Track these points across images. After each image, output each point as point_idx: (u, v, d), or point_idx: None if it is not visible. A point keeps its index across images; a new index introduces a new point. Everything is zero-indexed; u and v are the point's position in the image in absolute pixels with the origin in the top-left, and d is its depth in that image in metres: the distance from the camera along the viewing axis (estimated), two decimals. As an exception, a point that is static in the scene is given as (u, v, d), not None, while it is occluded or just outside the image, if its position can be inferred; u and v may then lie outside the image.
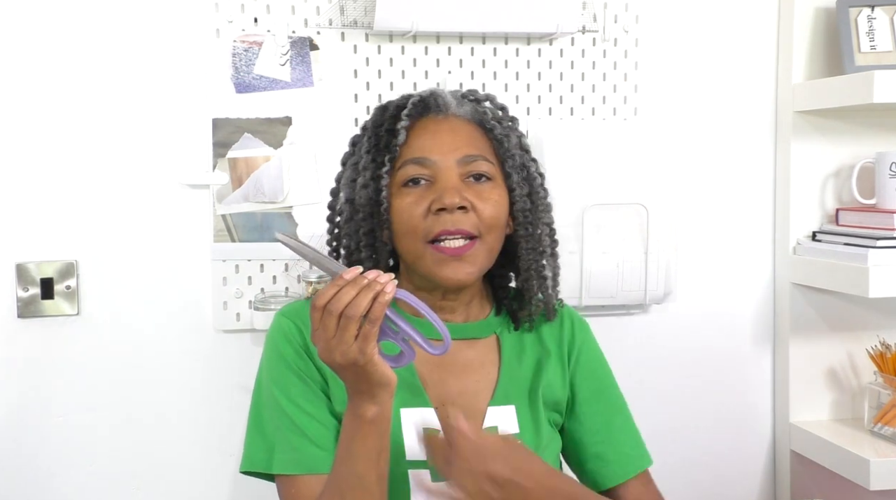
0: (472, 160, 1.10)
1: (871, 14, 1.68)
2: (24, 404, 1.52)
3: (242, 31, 1.55)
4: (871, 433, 1.71)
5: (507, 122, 1.17)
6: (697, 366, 1.80)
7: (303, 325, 1.14)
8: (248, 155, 1.56)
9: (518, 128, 1.20)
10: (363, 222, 1.13)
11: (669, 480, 1.25)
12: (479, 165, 1.11)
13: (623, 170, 1.67)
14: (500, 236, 1.14)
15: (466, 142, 1.12)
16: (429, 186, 1.10)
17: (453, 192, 1.08)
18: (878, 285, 1.55)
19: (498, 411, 1.15)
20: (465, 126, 1.14)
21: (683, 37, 1.74)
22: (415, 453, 1.09)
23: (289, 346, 1.13)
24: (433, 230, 1.08)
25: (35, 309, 1.52)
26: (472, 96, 1.18)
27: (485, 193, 1.11)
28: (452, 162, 1.10)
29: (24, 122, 1.49)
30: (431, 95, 1.14)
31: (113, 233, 1.54)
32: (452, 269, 1.09)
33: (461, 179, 1.10)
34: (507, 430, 1.14)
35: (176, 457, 1.58)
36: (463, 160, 1.10)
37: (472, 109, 1.16)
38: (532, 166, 1.17)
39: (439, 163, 1.10)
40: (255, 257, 1.58)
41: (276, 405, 1.11)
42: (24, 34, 1.48)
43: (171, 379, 1.58)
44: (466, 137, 1.12)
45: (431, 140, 1.11)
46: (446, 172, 1.09)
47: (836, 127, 1.75)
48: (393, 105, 1.15)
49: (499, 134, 1.14)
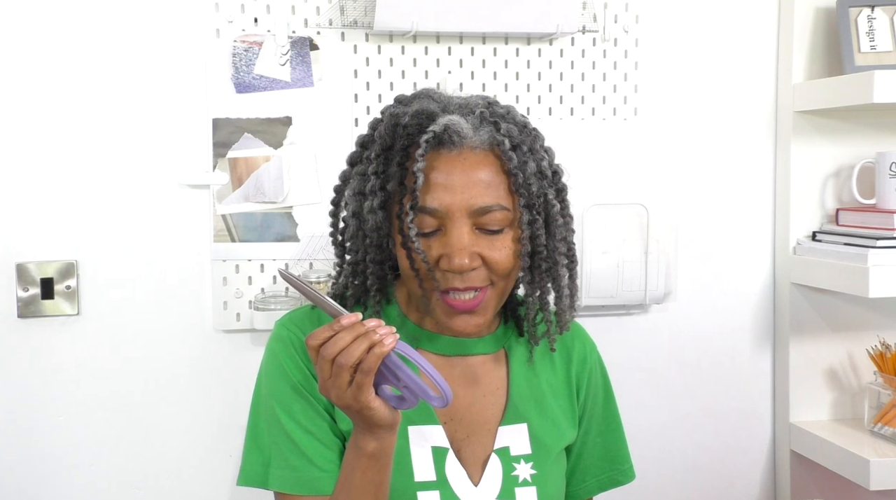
0: (487, 212, 1.02)
1: (871, 14, 1.68)
2: (24, 405, 1.52)
3: (242, 31, 1.55)
4: (871, 433, 1.71)
5: (527, 145, 1.06)
6: (697, 366, 1.80)
7: (305, 332, 1.10)
8: (248, 155, 1.56)
9: (538, 145, 1.09)
10: (370, 248, 1.08)
11: (669, 480, 1.26)
12: (493, 217, 1.03)
13: (623, 170, 1.68)
14: (514, 277, 1.09)
15: (481, 189, 1.02)
16: (440, 235, 1.03)
17: (462, 253, 1.01)
18: (878, 285, 1.55)
19: (509, 430, 1.12)
20: (480, 164, 1.03)
21: (683, 37, 1.74)
22: (424, 473, 1.07)
23: (290, 360, 1.10)
24: (442, 285, 1.04)
25: (35, 309, 1.52)
26: (492, 116, 1.05)
27: (497, 243, 1.04)
28: (465, 215, 1.02)
29: (24, 122, 1.49)
30: (446, 130, 1.02)
31: (113, 233, 1.54)
32: (463, 322, 1.05)
33: (473, 229, 1.03)
34: (519, 451, 1.12)
35: (176, 457, 1.58)
36: (477, 212, 1.02)
37: (489, 136, 1.04)
38: (551, 193, 1.08)
39: (451, 214, 1.02)
40: (255, 257, 1.58)
41: (275, 421, 1.08)
42: (24, 34, 1.48)
43: (171, 379, 1.58)
44: (481, 182, 1.03)
45: (444, 186, 1.02)
46: (457, 224, 1.02)
47: (836, 127, 1.75)
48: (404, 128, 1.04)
49: (514, 168, 1.03)
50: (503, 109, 1.08)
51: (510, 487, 1.09)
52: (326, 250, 1.59)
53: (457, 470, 1.08)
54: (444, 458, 1.08)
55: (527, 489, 1.10)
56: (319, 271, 1.56)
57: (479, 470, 1.10)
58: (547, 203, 1.07)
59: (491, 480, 1.09)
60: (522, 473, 1.11)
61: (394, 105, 1.09)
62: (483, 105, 1.07)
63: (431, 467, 1.07)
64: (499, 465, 1.10)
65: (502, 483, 1.09)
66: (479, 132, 1.05)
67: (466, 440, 1.11)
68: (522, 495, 1.09)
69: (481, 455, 1.11)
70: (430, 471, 1.07)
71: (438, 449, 1.08)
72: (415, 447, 1.08)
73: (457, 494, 1.07)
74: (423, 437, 1.09)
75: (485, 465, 1.10)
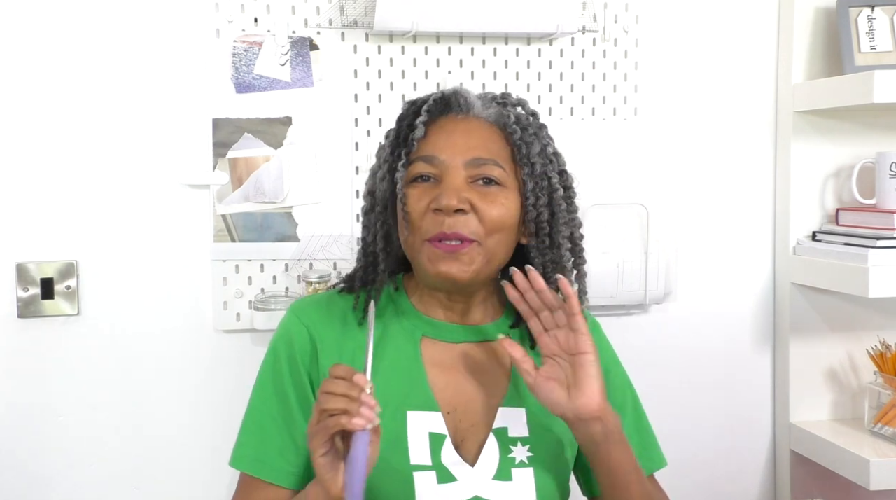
0: (482, 164, 1.08)
1: (871, 14, 1.68)
2: (24, 404, 1.52)
3: (242, 31, 1.55)
4: (871, 433, 1.71)
5: (534, 129, 1.12)
6: (697, 366, 1.80)
7: (312, 324, 1.13)
8: (248, 155, 1.56)
9: (546, 137, 1.15)
10: (380, 215, 1.13)
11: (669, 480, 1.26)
12: (489, 170, 1.08)
13: (623, 170, 1.68)
14: (506, 242, 1.11)
15: (480, 144, 1.09)
16: (434, 185, 1.08)
17: (452, 194, 1.05)
18: (878, 285, 1.55)
19: (508, 412, 1.13)
20: (483, 128, 1.11)
21: (683, 37, 1.74)
22: (420, 457, 1.08)
23: (286, 350, 1.13)
24: (430, 231, 1.07)
25: (35, 309, 1.52)
26: (502, 100, 1.15)
27: (490, 196, 1.08)
28: (460, 163, 1.08)
29: (24, 122, 1.49)
30: (454, 93, 1.12)
31: (113, 233, 1.54)
32: (446, 264, 1.07)
33: (467, 182, 1.08)
34: (517, 434, 1.12)
35: (176, 457, 1.58)
36: (472, 163, 1.08)
37: (496, 112, 1.12)
38: (555, 177, 1.12)
39: (447, 162, 1.08)
40: (255, 257, 1.58)
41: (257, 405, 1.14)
42: (24, 34, 1.48)
43: (171, 379, 1.58)
44: (482, 140, 1.10)
45: (445, 139, 1.09)
46: (452, 171, 1.07)
47: (836, 127, 1.75)
48: (419, 100, 1.13)
49: (518, 139, 1.10)
50: (516, 99, 1.15)
51: (507, 468, 1.10)
52: (326, 250, 1.59)
53: (453, 455, 1.09)
54: (440, 444, 1.09)
55: (524, 471, 1.10)
56: (319, 271, 1.56)
57: (477, 450, 1.11)
58: (551, 186, 1.11)
59: (488, 461, 1.10)
60: (519, 455, 1.11)
61: None
62: (498, 94, 1.16)
63: (427, 451, 1.08)
64: (496, 446, 1.11)
65: (499, 464, 1.10)
66: (487, 108, 1.12)
67: (470, 429, 1.12)
68: (519, 476, 1.10)
69: (480, 436, 1.12)
70: (426, 455, 1.08)
71: (436, 435, 1.09)
72: (412, 431, 1.09)
73: (453, 475, 1.08)
74: (421, 423, 1.10)
75: (482, 445, 1.11)
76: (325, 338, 1.13)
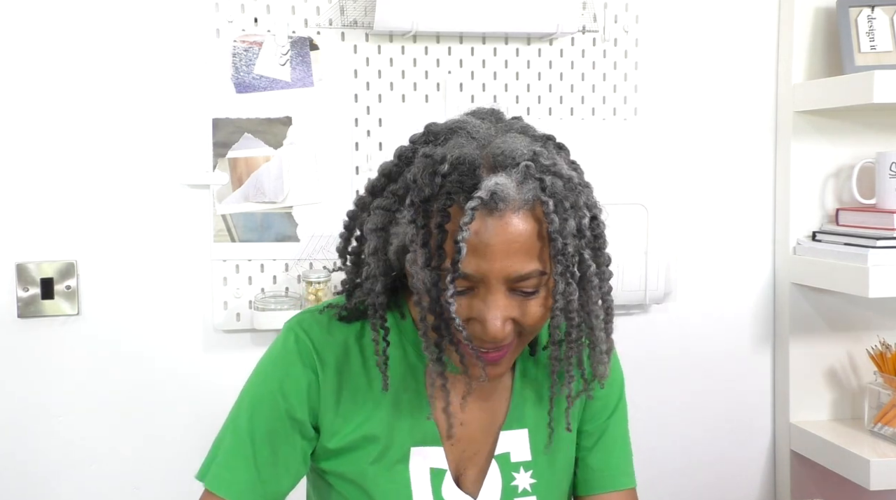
0: (524, 279, 0.97)
1: (871, 14, 1.68)
2: (23, 404, 1.52)
3: (242, 31, 1.55)
4: (871, 433, 1.71)
5: (569, 202, 0.98)
6: (697, 366, 1.80)
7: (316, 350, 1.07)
8: (248, 155, 1.56)
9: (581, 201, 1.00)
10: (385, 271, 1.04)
11: (670, 479, 1.26)
12: (529, 284, 0.97)
13: (623, 170, 1.67)
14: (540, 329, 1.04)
15: (520, 255, 0.96)
16: (470, 295, 0.97)
17: (497, 322, 0.96)
18: (878, 285, 1.55)
19: (510, 436, 1.11)
20: (520, 229, 0.95)
21: (683, 37, 1.74)
22: (422, 495, 1.07)
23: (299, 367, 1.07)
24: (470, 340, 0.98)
25: (35, 309, 1.52)
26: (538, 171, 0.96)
27: (531, 304, 0.98)
28: (501, 282, 0.96)
29: (24, 122, 1.49)
30: (493, 197, 0.93)
31: (113, 233, 1.54)
32: (480, 371, 1.01)
33: (507, 293, 0.97)
34: (519, 458, 1.10)
35: (175, 457, 1.58)
36: (514, 279, 0.96)
37: (533, 195, 0.96)
38: (587, 253, 1.01)
39: (487, 281, 0.96)
40: (255, 257, 1.58)
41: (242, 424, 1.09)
42: (24, 34, 1.48)
43: (171, 379, 1.58)
44: (521, 248, 0.96)
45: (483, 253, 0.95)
46: (493, 292, 0.96)
47: (836, 127, 1.75)
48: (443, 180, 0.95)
49: (553, 232, 0.96)
50: (549, 159, 0.98)
51: (509, 497, 1.09)
52: (326, 250, 1.59)
53: (453, 490, 1.08)
54: (441, 480, 1.08)
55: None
56: (319, 271, 1.56)
57: (479, 481, 1.09)
58: (582, 263, 1.01)
59: (490, 492, 1.09)
60: (522, 482, 1.10)
61: (427, 139, 1.01)
62: (528, 156, 0.97)
63: (429, 488, 1.07)
64: (498, 474, 1.10)
65: (501, 495, 1.09)
66: (521, 190, 0.95)
67: (472, 458, 1.10)
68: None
69: (482, 464, 1.10)
70: (427, 493, 1.07)
71: (436, 471, 1.08)
72: (414, 468, 1.07)
73: None
74: (423, 459, 1.08)
75: (484, 474, 1.09)
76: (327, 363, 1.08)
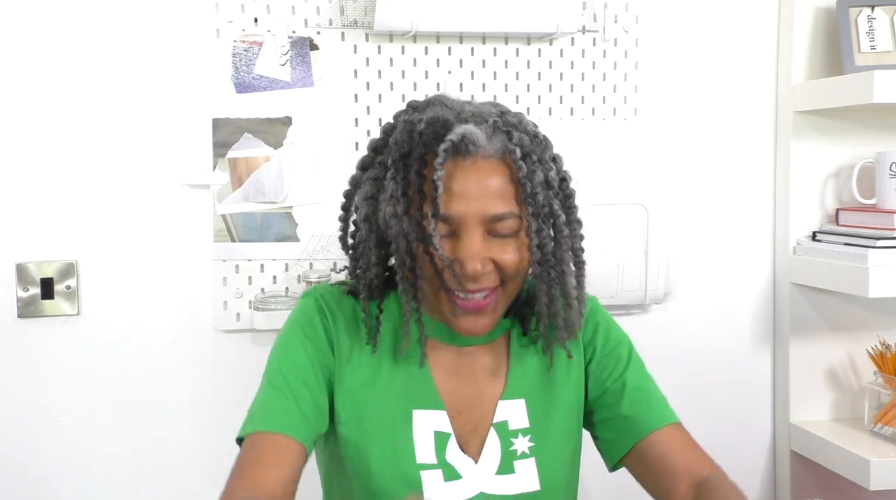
0: (499, 219, 1.05)
1: (871, 14, 1.68)
2: (23, 404, 1.52)
3: (242, 31, 1.55)
4: (871, 433, 1.71)
5: (536, 155, 1.08)
6: (697, 366, 1.80)
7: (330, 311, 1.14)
8: (248, 155, 1.56)
9: (547, 155, 1.11)
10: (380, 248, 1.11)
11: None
12: (505, 224, 1.06)
13: (623, 170, 1.68)
14: (522, 281, 1.11)
15: (495, 196, 1.05)
16: (452, 239, 1.06)
17: (475, 259, 1.04)
18: (878, 285, 1.55)
19: (508, 405, 1.14)
20: (493, 172, 1.06)
21: (683, 37, 1.74)
22: (425, 456, 1.09)
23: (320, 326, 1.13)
24: (453, 286, 1.05)
25: (35, 309, 1.52)
26: (504, 125, 1.08)
27: (509, 246, 1.06)
28: (478, 221, 1.05)
29: (24, 122, 1.49)
30: (463, 140, 1.04)
31: (113, 233, 1.54)
32: (470, 322, 1.07)
33: (484, 235, 1.06)
34: (518, 426, 1.14)
35: (176, 457, 1.58)
36: (490, 220, 1.05)
37: (502, 145, 1.06)
38: (556, 203, 1.10)
39: (465, 221, 1.04)
40: (255, 257, 1.58)
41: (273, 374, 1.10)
42: (25, 34, 1.48)
43: (171, 379, 1.58)
44: (495, 189, 1.05)
45: (458, 193, 1.04)
46: (471, 230, 1.05)
47: (836, 127, 1.75)
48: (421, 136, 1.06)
49: (523, 177, 1.06)
50: (515, 117, 1.10)
51: (509, 461, 1.12)
52: (326, 250, 1.59)
53: (457, 452, 1.11)
54: (445, 442, 1.11)
55: (525, 462, 1.12)
56: (319, 271, 1.56)
57: (480, 447, 1.12)
58: (553, 213, 1.10)
59: (490, 456, 1.12)
60: (520, 446, 1.13)
61: (407, 112, 1.11)
62: (496, 114, 1.09)
63: (433, 450, 1.10)
64: (497, 440, 1.12)
65: (501, 458, 1.12)
66: (492, 141, 1.07)
67: (474, 431, 1.13)
68: (521, 467, 1.11)
69: (483, 433, 1.13)
70: (431, 454, 1.09)
71: (441, 434, 1.11)
72: (417, 430, 1.10)
73: (458, 472, 1.09)
74: (426, 421, 1.11)
75: (484, 440, 1.12)
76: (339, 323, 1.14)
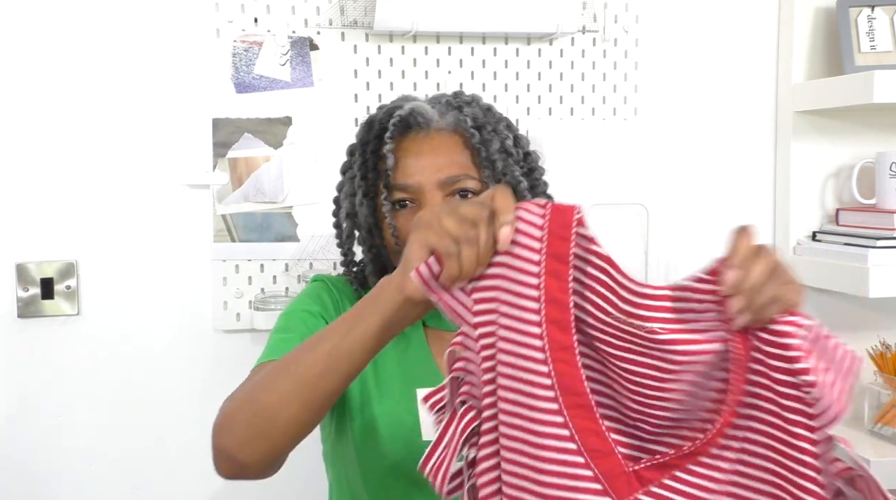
0: (456, 180, 1.10)
1: (871, 14, 1.68)
2: (23, 404, 1.52)
3: (242, 31, 1.55)
4: (871, 433, 1.71)
5: (491, 126, 1.14)
6: (697, 366, 1.79)
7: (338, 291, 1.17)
8: (248, 155, 1.56)
9: (503, 127, 1.16)
10: (366, 240, 1.17)
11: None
12: (464, 184, 1.10)
13: (623, 170, 1.67)
14: None
15: (449, 160, 1.11)
16: (414, 208, 1.11)
17: None
18: (878, 285, 1.55)
19: None
20: (447, 141, 1.12)
21: (683, 37, 1.74)
22: (430, 432, 1.10)
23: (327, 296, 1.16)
24: None
25: (35, 309, 1.52)
26: (456, 102, 1.15)
27: None
28: (434, 184, 1.09)
29: (24, 122, 1.49)
30: (412, 113, 1.11)
31: (113, 233, 1.54)
32: None
33: (444, 199, 1.10)
34: None
35: (175, 457, 1.58)
36: (446, 182, 1.10)
37: (454, 118, 1.13)
38: (516, 169, 1.14)
39: (422, 186, 1.10)
40: (255, 257, 1.58)
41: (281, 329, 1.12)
42: (25, 34, 1.48)
43: (171, 379, 1.58)
44: (449, 155, 1.11)
45: (414, 162, 1.10)
46: (429, 194, 1.09)
47: (836, 127, 1.75)
48: (377, 121, 1.14)
49: (477, 143, 1.11)
50: (469, 97, 1.17)
51: None
52: (326, 250, 1.59)
53: None
54: None
55: None
56: (319, 271, 1.56)
57: None
58: (513, 179, 1.13)
59: None
60: None
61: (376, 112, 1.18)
62: (450, 95, 1.17)
63: None
64: None
65: None
66: (444, 117, 1.14)
67: None
68: None
69: None
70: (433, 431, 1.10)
71: None
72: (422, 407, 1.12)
73: None
74: None
75: None
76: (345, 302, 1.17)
